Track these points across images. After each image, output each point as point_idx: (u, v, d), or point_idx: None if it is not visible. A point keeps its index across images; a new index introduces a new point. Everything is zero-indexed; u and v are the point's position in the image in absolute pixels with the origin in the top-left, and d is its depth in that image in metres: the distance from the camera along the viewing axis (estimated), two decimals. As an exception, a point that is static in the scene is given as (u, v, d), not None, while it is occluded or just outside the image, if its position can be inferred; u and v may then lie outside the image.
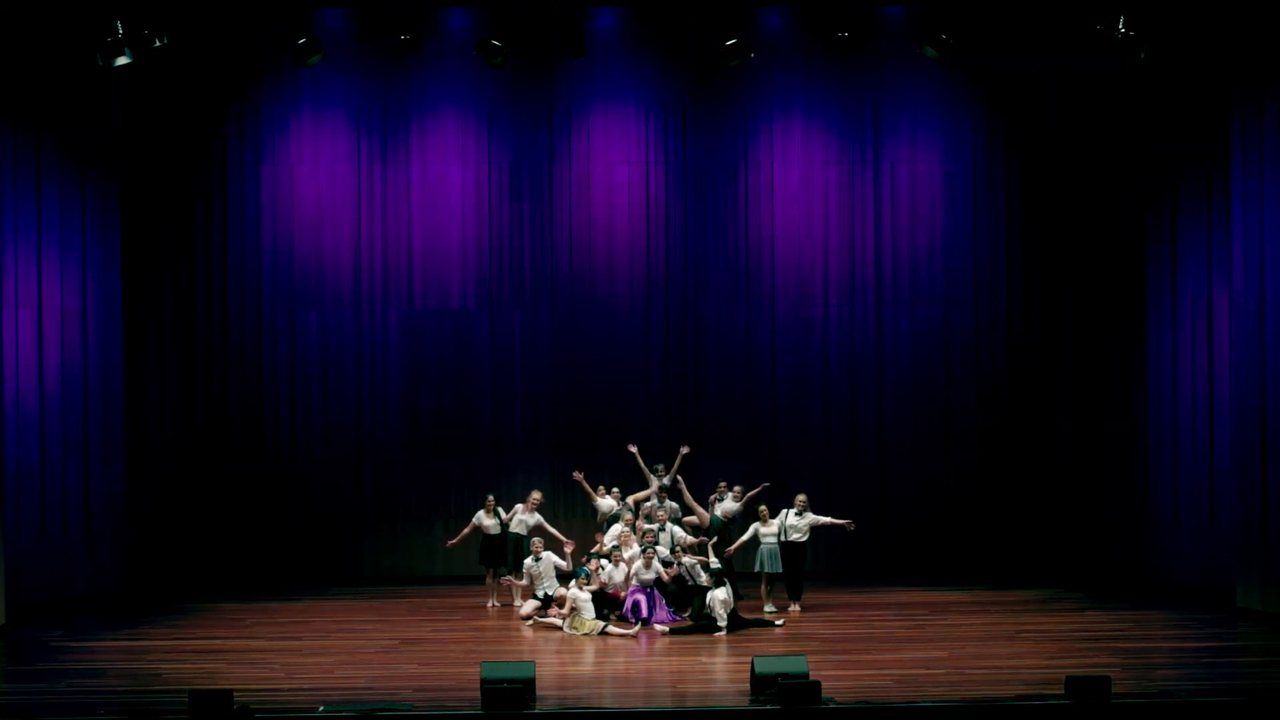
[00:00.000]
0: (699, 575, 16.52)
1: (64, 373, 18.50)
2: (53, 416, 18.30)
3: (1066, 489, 19.87)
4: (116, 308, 19.28)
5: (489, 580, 18.08)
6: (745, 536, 17.42)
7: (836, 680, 13.24)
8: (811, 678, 12.60)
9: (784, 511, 17.37)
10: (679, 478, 18.09)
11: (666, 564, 16.58)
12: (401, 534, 20.30)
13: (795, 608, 17.30)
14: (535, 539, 17.42)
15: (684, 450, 18.43)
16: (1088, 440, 19.82)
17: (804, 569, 17.46)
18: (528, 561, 17.14)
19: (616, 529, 17.43)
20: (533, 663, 13.34)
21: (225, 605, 18.06)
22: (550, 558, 17.11)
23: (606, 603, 16.62)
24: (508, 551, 17.92)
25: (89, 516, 18.81)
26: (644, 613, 16.37)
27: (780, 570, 17.28)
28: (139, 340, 19.69)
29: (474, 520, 18.12)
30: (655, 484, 18.07)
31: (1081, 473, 19.84)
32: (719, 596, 16.19)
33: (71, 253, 18.59)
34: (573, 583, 16.56)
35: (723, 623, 16.09)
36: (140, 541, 19.52)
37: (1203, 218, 18.31)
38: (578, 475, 18.31)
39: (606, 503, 18.14)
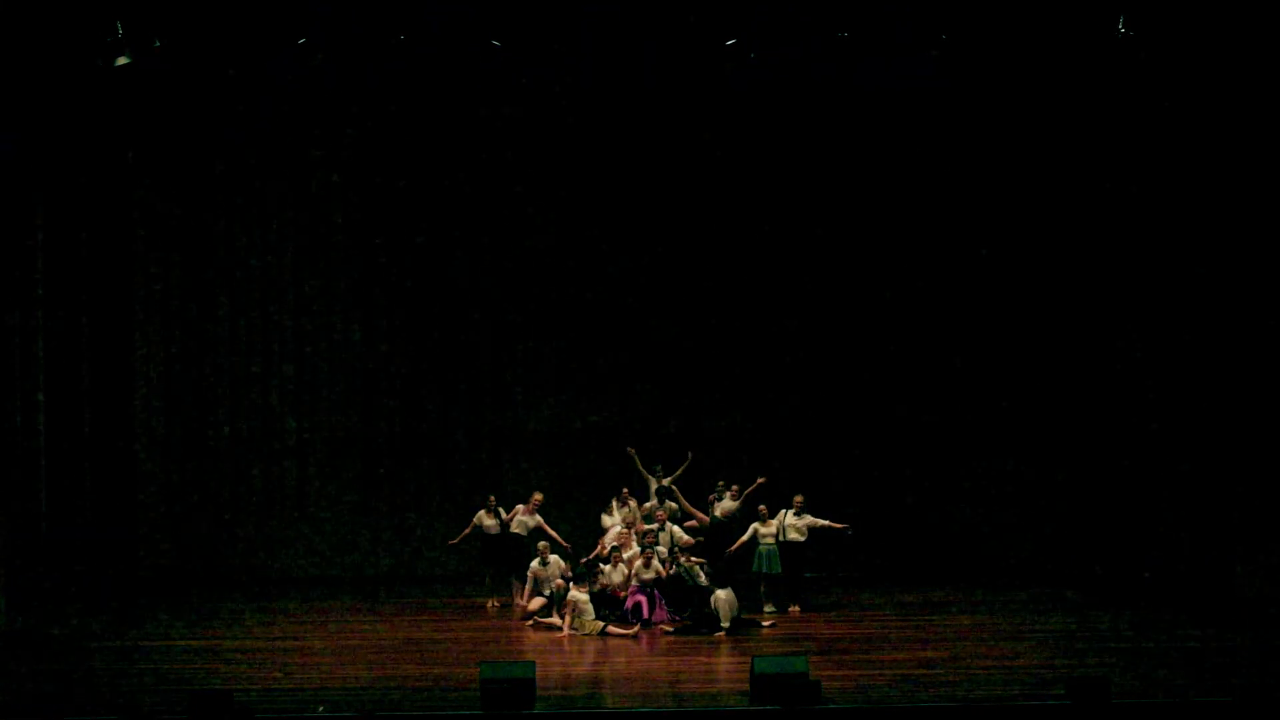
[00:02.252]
0: (698, 576, 16.52)
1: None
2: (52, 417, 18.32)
3: (1066, 489, 19.87)
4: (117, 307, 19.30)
5: (489, 580, 18.08)
6: (745, 536, 17.40)
7: (836, 680, 13.25)
8: (811, 678, 12.60)
9: (783, 511, 17.37)
10: (674, 487, 18.04)
11: (664, 561, 16.63)
12: (401, 534, 20.30)
13: (795, 608, 17.30)
14: (542, 543, 17.38)
15: (689, 456, 18.44)
16: (1086, 440, 19.81)
17: (803, 569, 17.45)
18: (534, 564, 17.10)
19: (616, 529, 17.42)
20: (533, 663, 13.33)
21: (225, 605, 18.06)
22: (557, 561, 17.09)
23: (606, 603, 16.62)
24: (509, 552, 17.91)
25: (89, 516, 18.81)
26: (645, 613, 16.37)
27: (779, 571, 17.25)
28: (139, 340, 19.72)
29: (474, 520, 18.10)
30: (654, 485, 18.07)
31: (1081, 472, 19.83)
32: (722, 596, 16.19)
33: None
34: (572, 584, 16.56)
35: (725, 623, 16.09)
36: (139, 541, 19.52)
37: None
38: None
39: (613, 519, 17.90)
